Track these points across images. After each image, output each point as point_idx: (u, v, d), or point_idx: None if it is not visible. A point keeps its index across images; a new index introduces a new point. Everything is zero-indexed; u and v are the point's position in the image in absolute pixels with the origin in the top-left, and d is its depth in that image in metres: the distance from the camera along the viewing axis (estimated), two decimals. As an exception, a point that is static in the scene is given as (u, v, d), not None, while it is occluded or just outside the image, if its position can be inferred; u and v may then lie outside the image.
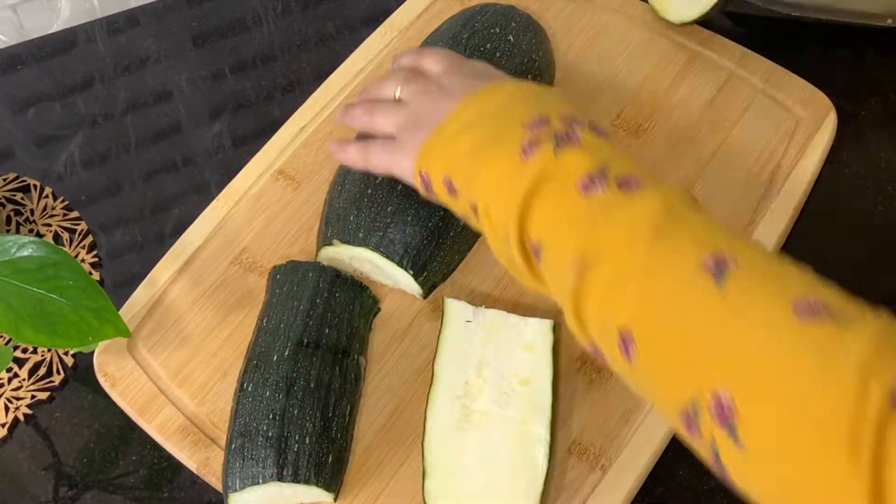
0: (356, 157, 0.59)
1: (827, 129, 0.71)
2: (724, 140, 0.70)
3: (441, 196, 0.54)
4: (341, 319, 0.60)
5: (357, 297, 0.62)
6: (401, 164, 0.56)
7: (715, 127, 0.71)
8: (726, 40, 0.75)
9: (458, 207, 0.53)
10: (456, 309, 0.61)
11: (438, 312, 0.64)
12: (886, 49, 0.77)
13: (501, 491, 0.55)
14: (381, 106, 0.59)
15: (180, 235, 0.68)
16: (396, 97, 0.58)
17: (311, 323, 0.59)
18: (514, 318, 0.60)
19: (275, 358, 0.58)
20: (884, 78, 0.75)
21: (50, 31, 0.83)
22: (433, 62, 0.59)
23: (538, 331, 0.60)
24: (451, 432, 0.57)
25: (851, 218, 0.69)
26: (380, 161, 0.57)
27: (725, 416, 0.38)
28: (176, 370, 0.63)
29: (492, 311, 0.61)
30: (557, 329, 0.60)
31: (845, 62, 0.77)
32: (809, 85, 0.73)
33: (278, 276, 0.62)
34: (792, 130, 0.71)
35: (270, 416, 0.55)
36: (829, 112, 0.71)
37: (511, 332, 0.60)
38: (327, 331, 0.59)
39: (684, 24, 0.74)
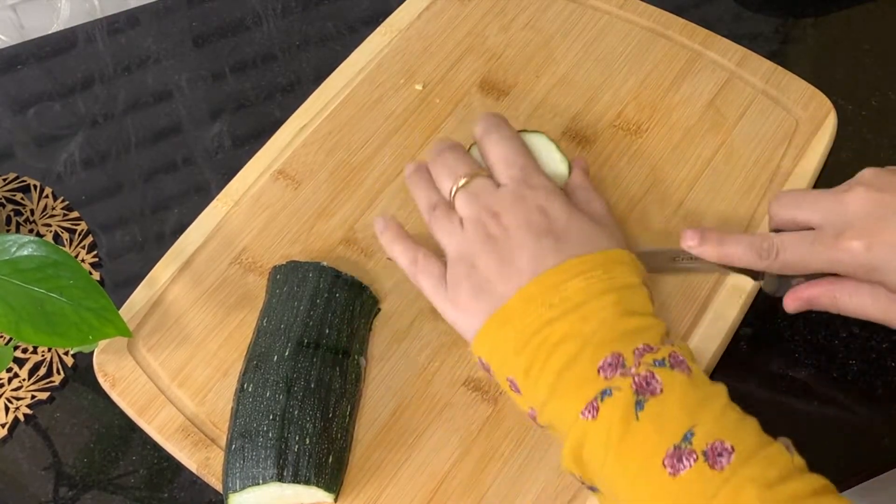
0: (406, 264, 0.56)
1: (827, 129, 0.71)
2: (724, 140, 0.71)
3: (503, 385, 0.51)
4: (342, 320, 0.60)
5: (357, 297, 0.62)
6: (456, 324, 0.53)
7: (715, 127, 0.71)
8: (726, 40, 0.75)
9: (520, 402, 0.51)
10: None
11: (438, 312, 0.64)
12: (887, 49, 0.77)
13: None
14: (440, 214, 0.54)
15: (180, 235, 0.68)
16: (452, 195, 0.54)
17: (311, 323, 0.59)
18: None
19: (275, 358, 0.58)
20: (884, 78, 0.75)
21: (50, 31, 0.83)
22: (506, 167, 0.53)
23: None
24: None
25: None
26: (433, 298, 0.54)
27: None
28: (176, 370, 0.63)
29: None
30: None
31: (845, 62, 0.77)
32: (809, 85, 0.73)
33: (278, 277, 0.62)
34: (792, 130, 0.71)
35: (270, 417, 0.55)
36: (829, 112, 0.71)
37: None
38: (327, 331, 0.59)
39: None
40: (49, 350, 0.66)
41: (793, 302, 0.57)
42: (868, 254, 0.52)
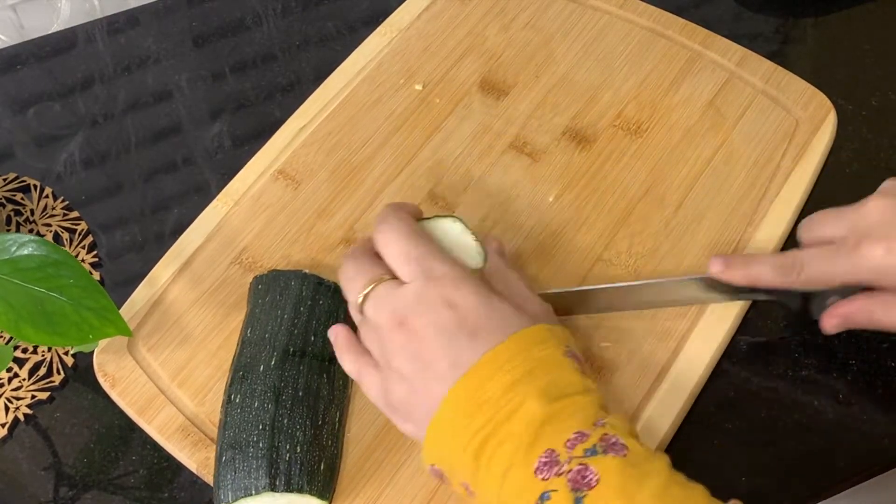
0: (354, 376, 0.55)
1: (827, 129, 0.71)
2: (724, 140, 0.71)
3: (459, 491, 0.49)
4: (326, 326, 0.60)
5: (341, 303, 0.61)
6: (407, 434, 0.52)
7: (715, 127, 0.71)
8: (726, 40, 0.75)
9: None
10: None
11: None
12: (887, 49, 0.77)
13: None
14: (360, 322, 0.53)
15: (180, 235, 0.68)
16: (359, 306, 0.52)
17: (296, 331, 0.59)
18: None
19: (261, 368, 0.57)
20: (884, 78, 0.75)
21: (50, 31, 0.83)
22: (404, 263, 0.51)
23: None
24: None
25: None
26: (382, 410, 0.53)
27: None
28: (176, 370, 0.63)
29: None
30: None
31: (845, 62, 0.77)
32: (809, 85, 0.73)
33: (260, 286, 0.62)
34: (792, 130, 0.71)
35: (260, 427, 0.55)
36: (829, 112, 0.71)
37: None
38: (313, 338, 0.59)
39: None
40: (49, 350, 0.66)
41: (829, 320, 0.57)
42: (889, 257, 0.53)
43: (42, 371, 0.65)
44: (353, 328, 0.58)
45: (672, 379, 0.60)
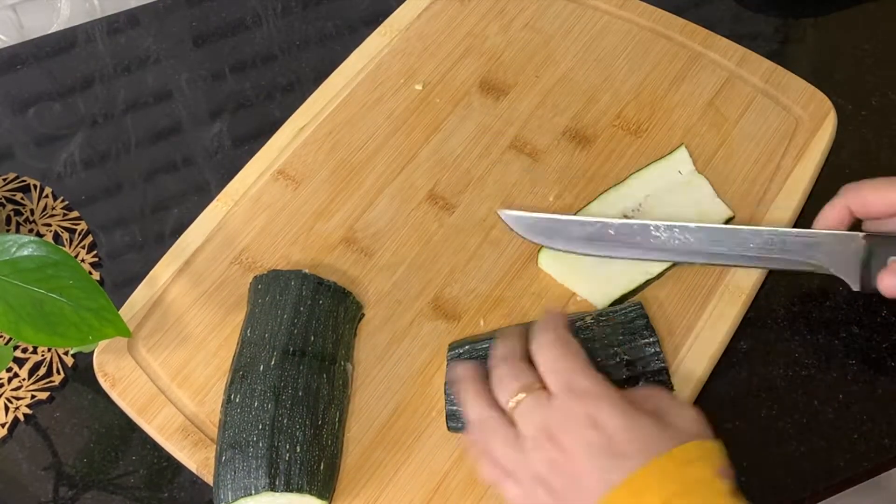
0: (488, 469, 0.54)
1: (827, 129, 0.71)
2: (724, 140, 0.71)
3: None
4: (326, 326, 0.60)
5: (341, 303, 0.62)
6: None
7: (715, 127, 0.71)
8: (726, 40, 0.75)
9: None
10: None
11: (439, 312, 0.64)
12: (887, 49, 0.77)
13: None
14: (500, 429, 0.53)
15: (180, 235, 0.68)
16: (510, 410, 0.53)
17: (295, 331, 0.59)
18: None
19: (261, 368, 0.57)
20: (884, 78, 0.75)
21: (50, 31, 0.83)
22: (552, 375, 0.52)
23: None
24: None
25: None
26: (514, 499, 0.52)
27: None
28: (176, 370, 0.63)
29: None
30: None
31: (845, 62, 0.77)
32: (809, 85, 0.73)
33: (260, 286, 0.62)
34: (792, 130, 0.71)
35: (260, 427, 0.55)
36: (829, 112, 0.71)
37: None
38: (312, 338, 0.59)
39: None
40: (49, 350, 0.66)
41: (889, 277, 0.56)
42: None
43: (42, 371, 0.65)
44: (347, 340, 0.59)
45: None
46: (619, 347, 0.57)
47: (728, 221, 0.66)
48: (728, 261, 0.61)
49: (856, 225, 0.60)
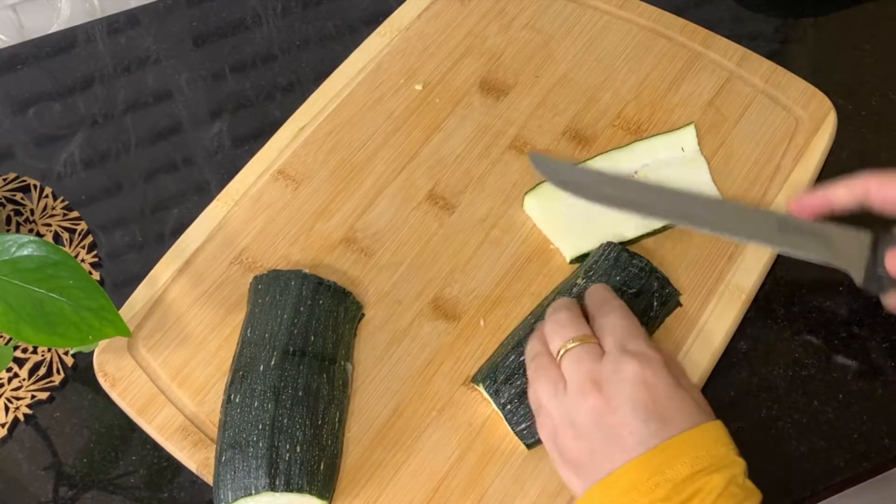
0: (532, 401, 0.56)
1: (827, 129, 0.71)
2: (724, 140, 0.71)
3: None
4: (326, 326, 0.60)
5: (341, 303, 0.62)
6: (559, 469, 0.53)
7: (715, 127, 0.71)
8: (726, 40, 0.75)
9: None
10: None
11: (439, 312, 0.64)
12: (887, 49, 0.77)
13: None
14: (544, 370, 0.55)
15: (180, 235, 0.68)
16: (559, 356, 0.54)
17: (295, 331, 0.59)
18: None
19: (261, 368, 0.57)
20: (884, 78, 0.75)
21: (50, 31, 0.83)
22: (609, 334, 0.54)
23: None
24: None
25: (851, 218, 0.69)
26: (542, 429, 0.55)
27: None
28: (176, 370, 0.63)
29: None
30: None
31: (845, 62, 0.77)
32: (809, 85, 0.73)
33: (260, 286, 0.62)
34: (792, 130, 0.71)
35: (260, 427, 0.55)
36: (829, 112, 0.71)
37: None
38: (312, 338, 0.59)
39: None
40: (49, 350, 0.66)
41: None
42: None
43: (42, 371, 0.65)
44: (347, 340, 0.59)
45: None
46: (624, 286, 0.60)
47: None
48: (735, 235, 0.59)
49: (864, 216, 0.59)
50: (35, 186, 0.73)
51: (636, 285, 0.60)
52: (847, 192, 0.58)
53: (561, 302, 0.58)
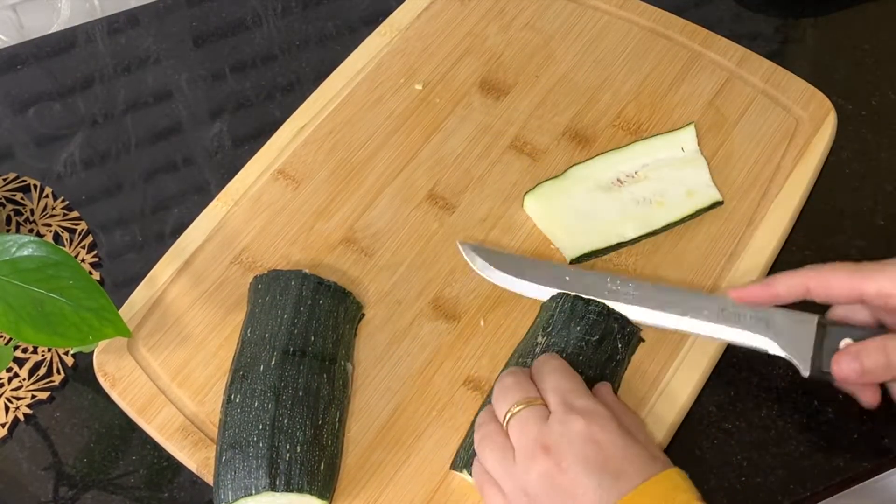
0: (477, 475, 0.54)
1: (827, 129, 0.71)
2: (724, 140, 0.71)
3: None
4: (326, 326, 0.60)
5: (341, 303, 0.62)
6: None
7: (715, 127, 0.71)
8: (726, 40, 0.75)
9: None
10: None
11: (439, 312, 0.64)
12: (887, 49, 0.77)
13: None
14: (491, 437, 0.53)
15: (180, 235, 0.68)
16: (505, 421, 0.53)
17: (296, 331, 0.59)
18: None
19: (261, 368, 0.57)
20: (884, 78, 0.75)
21: (50, 31, 0.83)
22: (553, 394, 0.53)
23: None
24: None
25: (851, 218, 0.69)
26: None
27: None
28: (176, 370, 0.63)
29: None
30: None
31: (845, 62, 0.77)
32: (809, 85, 0.73)
33: (260, 286, 0.62)
34: (792, 130, 0.71)
35: (260, 427, 0.55)
36: (829, 112, 0.71)
37: None
38: (313, 338, 0.59)
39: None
40: (49, 350, 0.66)
41: (843, 358, 0.55)
42: None
43: (42, 371, 0.65)
44: (347, 340, 0.59)
45: (668, 384, 0.61)
46: (586, 335, 0.59)
47: (716, 206, 0.66)
48: (678, 324, 0.60)
49: (811, 307, 0.59)
50: (35, 186, 0.73)
51: (597, 331, 0.59)
52: (786, 290, 0.57)
53: (508, 370, 0.57)
